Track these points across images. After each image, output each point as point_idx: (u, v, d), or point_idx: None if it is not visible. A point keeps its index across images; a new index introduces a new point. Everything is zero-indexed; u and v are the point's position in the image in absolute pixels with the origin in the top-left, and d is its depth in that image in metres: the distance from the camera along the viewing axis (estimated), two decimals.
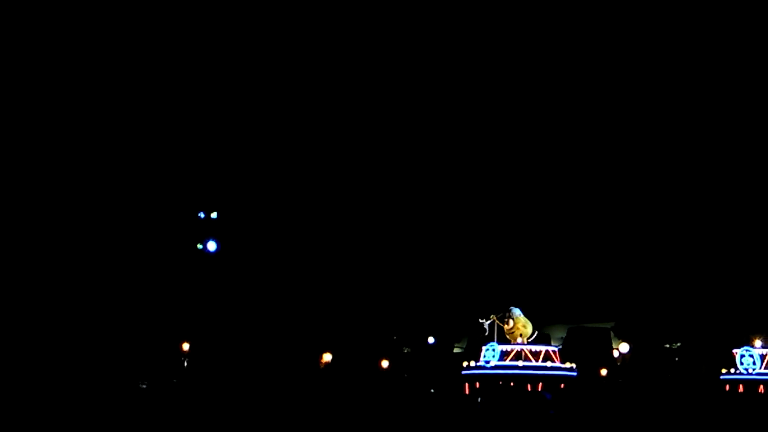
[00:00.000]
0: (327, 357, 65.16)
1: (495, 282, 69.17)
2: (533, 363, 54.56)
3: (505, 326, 55.04)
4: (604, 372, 65.73)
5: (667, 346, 67.82)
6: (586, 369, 64.55)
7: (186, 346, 62.55)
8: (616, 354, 68.64)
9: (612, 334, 69.44)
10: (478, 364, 55.33)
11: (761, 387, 55.32)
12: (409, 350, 55.35)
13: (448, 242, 70.17)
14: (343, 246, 68.72)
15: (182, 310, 62.21)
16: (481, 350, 55.32)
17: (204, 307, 63.64)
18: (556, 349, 56.17)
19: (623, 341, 68.40)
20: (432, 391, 57.28)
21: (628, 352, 67.87)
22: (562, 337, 68.75)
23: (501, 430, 50.01)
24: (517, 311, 55.44)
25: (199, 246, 62.35)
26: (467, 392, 54.71)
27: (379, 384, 58.42)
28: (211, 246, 62.71)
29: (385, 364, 65.07)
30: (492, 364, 54.81)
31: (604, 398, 59.03)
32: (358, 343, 65.29)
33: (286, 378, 57.38)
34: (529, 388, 54.02)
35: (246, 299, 65.18)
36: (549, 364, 54.94)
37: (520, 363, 54.42)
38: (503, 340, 55.19)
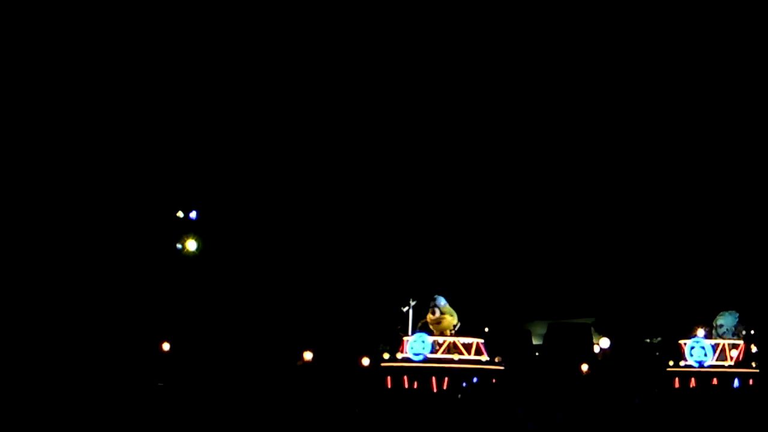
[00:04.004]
0: (307, 355, 65.03)
1: (475, 278, 69.26)
2: (467, 357, 52.74)
3: (430, 316, 52.92)
4: (585, 368, 65.74)
5: (648, 341, 67.95)
6: (567, 365, 64.61)
7: (166, 346, 62.46)
8: (596, 350, 68.70)
9: (592, 329, 69.53)
10: (404, 356, 53.19)
11: (715, 380, 53.76)
12: (386, 347, 54.82)
13: (425, 238, 70.21)
14: (322, 244, 68.73)
15: (161, 310, 62.10)
16: (403, 341, 52.99)
17: (183, 307, 63.54)
18: (482, 341, 54.04)
19: (604, 336, 68.45)
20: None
21: (609, 347, 67.92)
22: (542, 334, 68.83)
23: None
24: (442, 300, 53.35)
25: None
26: (390, 386, 52.42)
27: (362, 382, 57.96)
28: (192, 246, 62.57)
29: (366, 362, 64.93)
30: (424, 356, 52.59)
31: (586, 394, 58.89)
32: (339, 341, 65.18)
33: (267, 376, 57.24)
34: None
35: (225, 298, 65.13)
36: (482, 358, 53.22)
37: (456, 357, 52.54)
38: (419, 330, 53.16)
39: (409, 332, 52.81)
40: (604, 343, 67.96)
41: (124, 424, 40.32)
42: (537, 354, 68.43)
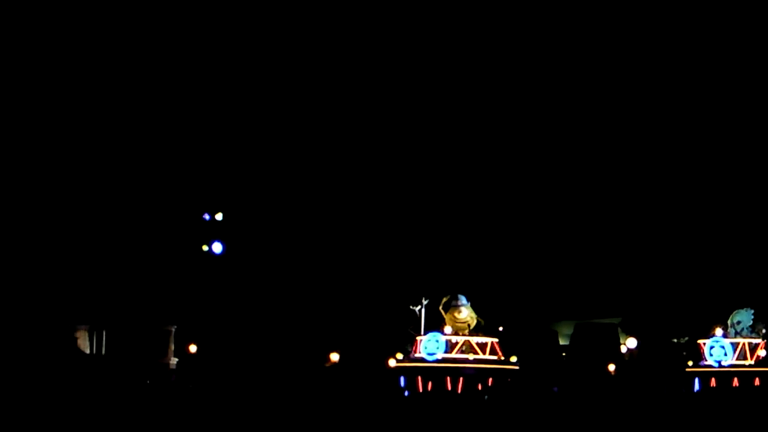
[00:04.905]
0: (334, 357, 64.88)
1: (501, 278, 69.16)
2: (482, 356, 51.69)
3: (457, 315, 52.00)
4: (612, 368, 65.39)
5: (675, 340, 67.52)
6: (595, 365, 64.33)
7: (193, 348, 62.58)
8: (624, 350, 68.32)
9: (619, 329, 69.17)
10: (417, 356, 52.16)
11: (735, 380, 52.66)
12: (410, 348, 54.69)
13: (454, 239, 70.13)
14: (348, 244, 68.73)
15: (187, 311, 62.25)
16: (416, 341, 52.02)
17: (210, 309, 63.68)
18: (497, 340, 52.87)
19: (631, 336, 68.09)
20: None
21: (636, 347, 67.56)
22: (568, 334, 68.56)
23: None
24: (464, 299, 52.56)
25: (205, 248, 62.28)
26: (404, 386, 51.44)
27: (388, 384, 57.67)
28: (217, 248, 62.65)
29: (392, 363, 64.70)
30: (439, 356, 51.59)
31: (613, 394, 58.54)
32: (366, 341, 65.08)
33: (293, 378, 57.22)
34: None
35: (251, 300, 65.21)
36: (496, 357, 52.12)
37: (471, 356, 51.43)
38: (430, 329, 52.22)
39: (422, 332, 52.21)
40: (631, 343, 67.58)
41: (153, 424, 40.49)
42: (564, 354, 68.17)
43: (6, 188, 60.47)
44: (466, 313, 52.31)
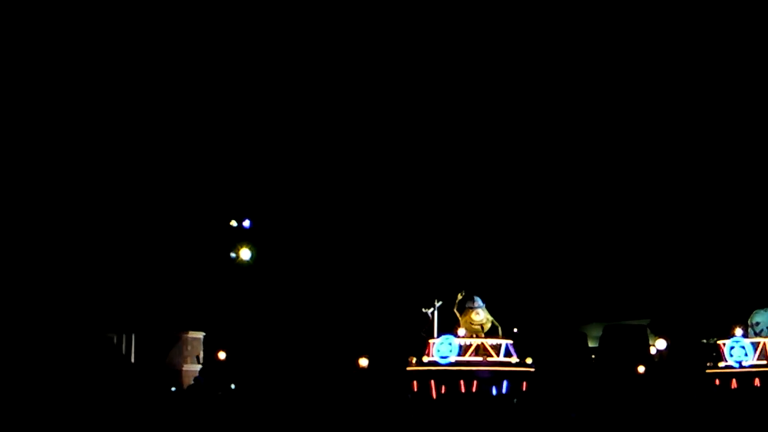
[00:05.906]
0: (363, 362, 64.88)
1: (530, 281, 69.13)
2: (496, 358, 50.84)
3: (474, 316, 51.33)
4: (641, 369, 65.18)
5: (704, 341, 67.25)
6: (624, 366, 64.15)
7: (222, 355, 62.77)
8: (653, 351, 68.11)
9: (649, 331, 68.98)
10: (431, 359, 52.80)
11: (757, 380, 51.99)
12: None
13: (481, 242, 70.14)
14: (376, 250, 68.83)
15: (216, 318, 62.49)
16: (428, 344, 51.33)
17: (237, 315, 63.90)
18: (511, 342, 52.06)
19: (660, 338, 67.86)
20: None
21: (666, 348, 67.32)
22: (597, 336, 68.43)
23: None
24: (480, 301, 51.92)
25: (232, 255, 62.48)
26: (416, 390, 50.65)
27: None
28: (245, 254, 62.87)
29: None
30: (452, 359, 50.94)
31: (643, 396, 58.35)
32: (395, 346, 65.10)
33: (321, 383, 57.29)
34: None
35: (280, 306, 65.39)
36: (511, 360, 51.23)
37: (484, 359, 50.65)
38: (443, 331, 51.59)
39: (435, 335, 51.65)
40: (661, 344, 67.31)
41: (184, 428, 40.69)
42: (593, 356, 68.07)
43: (34, 196, 60.91)
44: (482, 315, 51.70)
